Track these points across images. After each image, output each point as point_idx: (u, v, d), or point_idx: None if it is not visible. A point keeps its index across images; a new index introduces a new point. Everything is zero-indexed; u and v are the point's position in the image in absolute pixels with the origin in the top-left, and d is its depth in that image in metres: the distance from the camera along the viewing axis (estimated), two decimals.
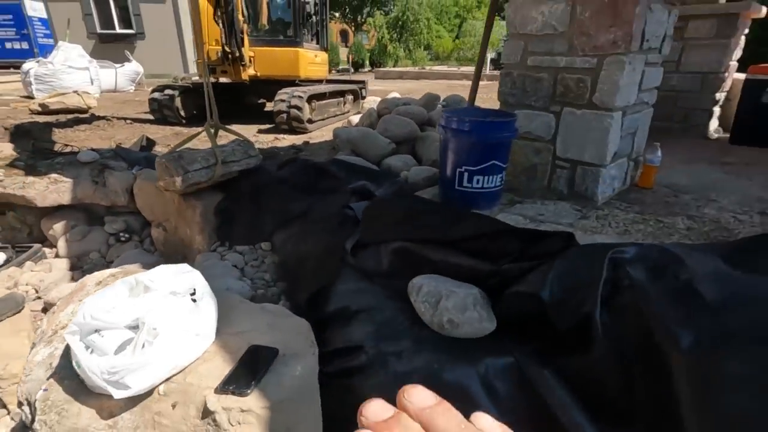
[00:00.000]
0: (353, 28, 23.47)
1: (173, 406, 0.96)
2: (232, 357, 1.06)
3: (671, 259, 1.16)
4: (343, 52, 22.37)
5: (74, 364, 0.95)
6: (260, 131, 4.96)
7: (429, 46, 23.94)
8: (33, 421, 0.99)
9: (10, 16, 13.93)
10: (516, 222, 1.63)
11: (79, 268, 2.73)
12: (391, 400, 0.24)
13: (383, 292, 1.53)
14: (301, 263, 1.90)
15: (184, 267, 1.14)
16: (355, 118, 4.58)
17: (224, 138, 2.64)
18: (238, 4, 4.53)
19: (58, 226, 2.89)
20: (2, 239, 2.92)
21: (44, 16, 13.44)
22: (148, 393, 0.97)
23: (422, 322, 1.34)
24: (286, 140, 4.39)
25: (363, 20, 22.60)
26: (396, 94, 4.88)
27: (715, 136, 3.33)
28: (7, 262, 2.65)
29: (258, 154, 2.58)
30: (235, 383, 0.96)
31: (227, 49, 4.61)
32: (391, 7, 21.97)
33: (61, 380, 1.02)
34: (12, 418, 1.68)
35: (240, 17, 4.61)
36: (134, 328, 0.98)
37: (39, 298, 2.40)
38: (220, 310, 1.17)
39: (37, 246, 2.84)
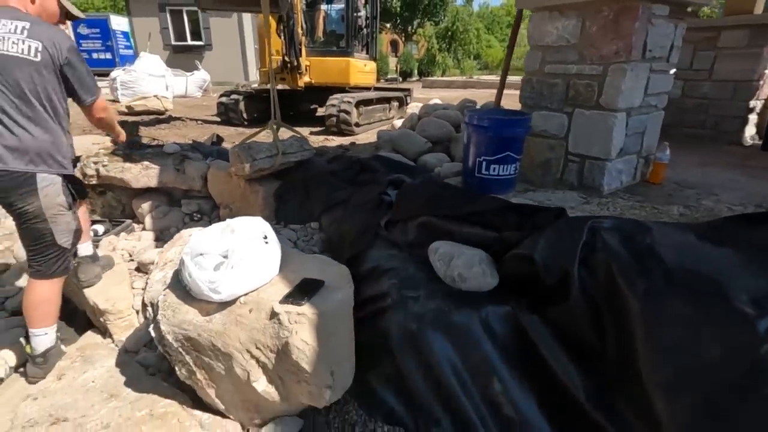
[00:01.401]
0: (403, 39, 24.05)
1: (250, 311, 1.35)
2: (291, 284, 1.44)
3: (642, 230, 1.41)
4: (392, 62, 23.00)
5: (186, 275, 1.37)
6: (312, 133, 5.46)
7: (479, 55, 24.06)
8: (155, 316, 1.41)
9: (98, 30, 15.68)
10: None
11: (162, 240, 3.27)
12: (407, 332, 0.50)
13: (408, 258, 1.87)
14: (342, 237, 2.27)
15: (259, 219, 1.54)
16: (398, 122, 4.95)
17: (284, 135, 3.08)
18: (298, 19, 5.07)
19: (146, 205, 3.47)
20: (102, 214, 3.55)
21: (126, 29, 15.02)
22: (233, 301, 1.37)
23: (438, 278, 1.66)
24: (335, 141, 4.84)
25: (413, 31, 23.12)
26: (437, 101, 5.21)
27: (750, 142, 3.38)
28: (105, 232, 3.24)
29: (311, 148, 3.01)
30: (293, 297, 1.33)
31: (287, 58, 5.16)
32: (442, 18, 22.32)
33: (173, 290, 1.44)
34: (115, 345, 2.15)
35: (299, 30, 5.15)
36: (225, 256, 1.38)
37: (132, 260, 2.94)
38: (282, 255, 1.56)
39: (128, 221, 3.43)
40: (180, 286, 1.44)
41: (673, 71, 2.15)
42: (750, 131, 3.39)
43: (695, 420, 1.11)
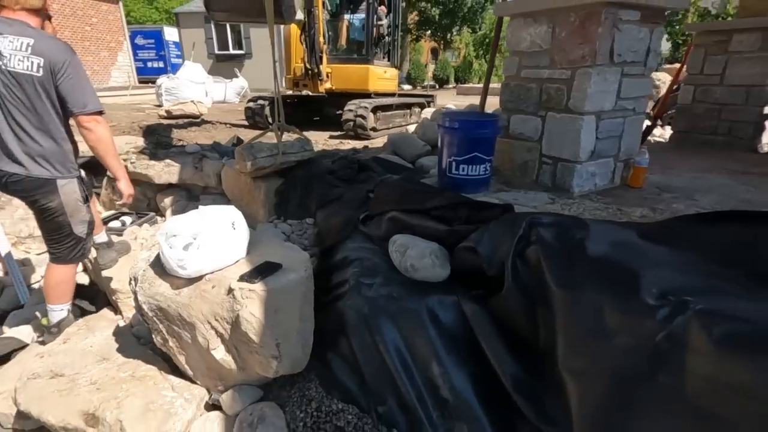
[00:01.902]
0: (441, 46, 24.14)
1: (212, 287, 1.52)
2: (253, 265, 1.60)
3: (578, 226, 1.47)
4: (431, 69, 23.14)
5: (160, 254, 1.56)
6: (331, 137, 5.69)
7: None
8: (136, 286, 1.62)
9: (153, 41, 16.88)
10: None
11: None
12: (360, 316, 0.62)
13: (377, 249, 1.99)
14: (329, 230, 2.43)
15: (231, 207, 1.72)
16: (412, 127, 5.08)
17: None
18: (320, 28, 5.33)
19: (167, 200, 3.80)
20: (130, 207, 3.91)
21: (177, 39, 16.08)
22: (199, 278, 1.55)
23: (395, 268, 1.78)
24: (350, 144, 5.03)
25: (451, 38, 23.17)
26: (451, 106, 5.29)
27: (766, 149, 3.24)
28: (132, 223, 3.58)
29: (312, 148, 3.20)
30: (250, 276, 1.50)
31: (308, 66, 5.42)
32: (480, 25, 22.25)
33: (152, 267, 1.64)
34: (124, 321, 2.41)
35: (320, 39, 5.41)
36: (195, 237, 1.56)
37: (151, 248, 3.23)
38: (254, 242, 1.73)
39: (152, 213, 3.77)
40: (159, 264, 1.64)
41: (656, 74, 2.14)
42: (766, 138, 3.25)
43: (600, 403, 1.16)
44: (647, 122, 4.21)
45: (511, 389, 1.37)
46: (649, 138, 4.16)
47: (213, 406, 1.68)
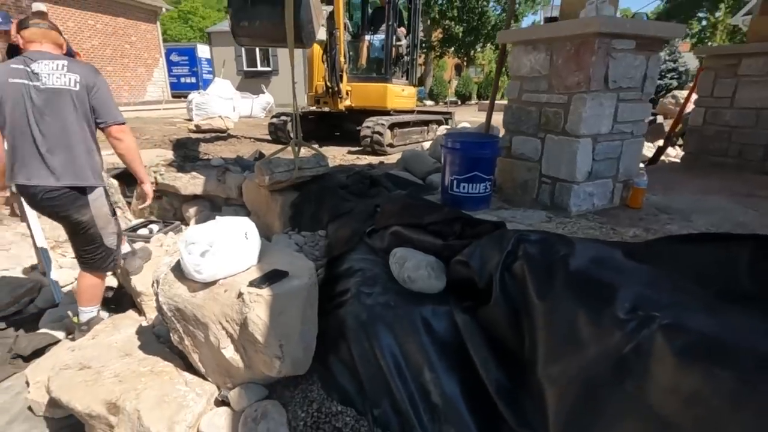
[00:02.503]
0: (465, 62, 24.39)
1: (225, 291, 1.67)
2: (262, 272, 1.75)
3: (564, 243, 1.55)
4: (454, 85, 23.38)
5: (180, 259, 1.73)
6: (349, 152, 5.88)
7: None
8: (157, 288, 1.79)
9: (187, 58, 17.70)
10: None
11: None
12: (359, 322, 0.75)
13: (380, 261, 2.11)
14: (336, 241, 2.57)
15: (245, 219, 1.88)
16: (428, 144, 5.22)
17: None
18: (341, 49, 5.57)
19: (192, 210, 4.03)
20: (157, 216, 4.17)
21: (209, 57, 16.82)
22: (213, 283, 1.70)
23: (394, 279, 1.89)
24: (366, 159, 5.20)
25: (474, 55, 23.39)
26: (466, 124, 5.41)
27: None
28: (158, 231, 3.82)
29: (327, 164, 3.37)
30: (258, 282, 1.64)
31: (329, 84, 5.67)
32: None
33: (173, 271, 1.81)
34: (147, 321, 2.59)
35: (341, 59, 5.65)
36: (211, 245, 1.72)
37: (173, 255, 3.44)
38: (265, 251, 1.88)
39: (177, 222, 4.01)
40: (179, 268, 1.81)
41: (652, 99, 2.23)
42: None
43: (574, 409, 1.24)
44: (661, 141, 4.23)
45: (494, 395, 1.46)
46: (662, 158, 4.17)
47: (222, 402, 1.81)
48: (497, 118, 3.12)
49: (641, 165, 2.55)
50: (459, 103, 21.44)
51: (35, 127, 1.87)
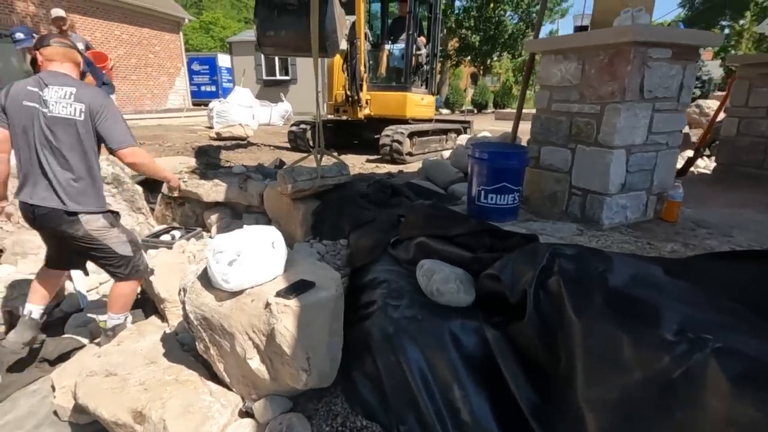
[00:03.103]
0: (481, 71, 24.34)
1: (251, 301, 1.66)
2: (289, 283, 1.73)
3: (601, 259, 1.50)
4: (471, 94, 23.33)
5: (207, 268, 1.73)
6: (368, 160, 5.89)
7: None
8: (184, 296, 1.79)
9: (207, 67, 18.07)
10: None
11: None
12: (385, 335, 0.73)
13: (404, 272, 2.08)
14: (358, 251, 2.54)
15: (271, 228, 1.87)
16: (447, 153, 5.18)
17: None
18: (361, 58, 5.60)
19: (213, 217, 4.06)
20: (180, 222, 4.22)
21: (228, 65, 17.14)
22: (240, 292, 1.69)
23: (421, 291, 1.86)
24: (385, 168, 5.19)
25: (491, 64, 23.35)
26: (486, 134, 5.36)
27: None
28: (180, 237, 3.86)
29: (348, 173, 3.36)
30: (285, 293, 1.62)
31: (349, 93, 5.69)
32: (520, 51, 22.31)
33: (200, 280, 1.81)
34: (170, 328, 2.60)
35: (361, 68, 5.68)
36: (238, 254, 1.71)
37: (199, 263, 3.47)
38: (291, 260, 1.87)
39: (199, 229, 4.04)
40: (206, 277, 1.80)
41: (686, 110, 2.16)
42: None
43: None
44: (690, 152, 4.11)
45: (529, 415, 1.40)
46: (692, 169, 4.05)
47: (246, 413, 1.79)
48: (522, 127, 3.07)
49: None
50: (475, 111, 21.36)
51: (42, 150, 1.93)
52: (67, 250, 2.19)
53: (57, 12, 5.09)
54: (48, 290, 2.32)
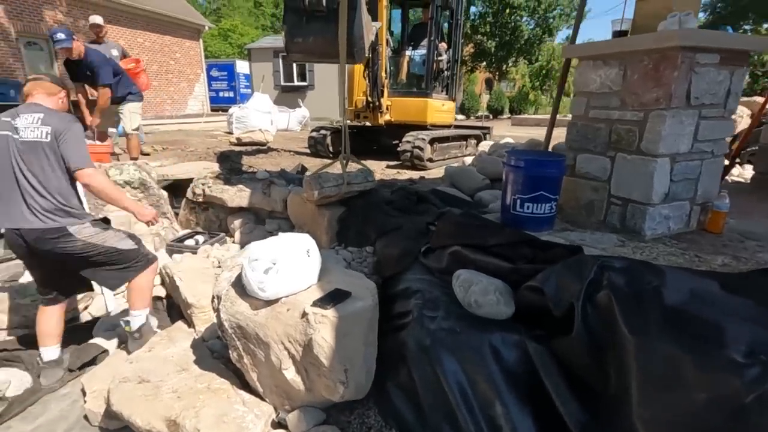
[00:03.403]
0: (497, 77, 24.23)
1: (287, 310, 1.63)
2: (324, 292, 1.70)
3: (653, 272, 1.43)
4: (485, 99, 23.23)
5: (242, 275, 1.71)
6: (388, 166, 5.86)
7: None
8: (219, 304, 1.77)
9: (226, 73, 18.34)
10: None
11: None
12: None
13: (438, 282, 2.03)
14: (387, 259, 2.50)
15: (306, 236, 1.85)
16: (469, 159, 5.12)
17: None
18: (382, 64, 5.60)
19: (237, 222, 4.07)
20: (203, 227, 4.24)
21: (246, 72, 17.36)
22: (276, 301, 1.67)
23: (457, 302, 1.81)
24: (406, 174, 5.15)
25: (507, 69, 23.22)
26: (509, 140, 5.30)
27: None
28: (204, 242, 3.87)
29: (374, 179, 3.33)
30: (322, 302, 1.59)
31: (370, 99, 5.69)
32: (536, 56, 22.16)
33: (234, 287, 1.79)
34: (197, 334, 2.59)
35: (383, 74, 5.67)
36: (274, 263, 1.69)
37: (220, 266, 3.47)
38: (323, 270, 1.84)
39: (222, 234, 4.05)
40: (240, 284, 1.78)
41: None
42: None
43: None
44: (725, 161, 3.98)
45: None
46: (726, 178, 3.92)
47: (279, 424, 1.76)
48: (540, 132, 3.01)
49: None
50: (491, 117, 21.24)
51: (20, 174, 1.99)
52: (66, 270, 2.20)
53: (94, 18, 5.18)
54: (56, 328, 2.30)
